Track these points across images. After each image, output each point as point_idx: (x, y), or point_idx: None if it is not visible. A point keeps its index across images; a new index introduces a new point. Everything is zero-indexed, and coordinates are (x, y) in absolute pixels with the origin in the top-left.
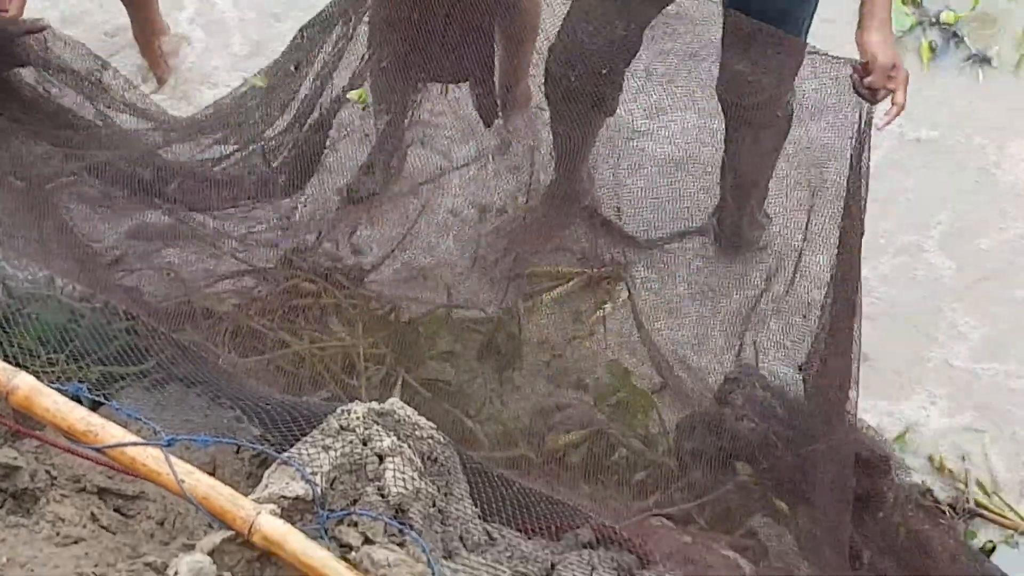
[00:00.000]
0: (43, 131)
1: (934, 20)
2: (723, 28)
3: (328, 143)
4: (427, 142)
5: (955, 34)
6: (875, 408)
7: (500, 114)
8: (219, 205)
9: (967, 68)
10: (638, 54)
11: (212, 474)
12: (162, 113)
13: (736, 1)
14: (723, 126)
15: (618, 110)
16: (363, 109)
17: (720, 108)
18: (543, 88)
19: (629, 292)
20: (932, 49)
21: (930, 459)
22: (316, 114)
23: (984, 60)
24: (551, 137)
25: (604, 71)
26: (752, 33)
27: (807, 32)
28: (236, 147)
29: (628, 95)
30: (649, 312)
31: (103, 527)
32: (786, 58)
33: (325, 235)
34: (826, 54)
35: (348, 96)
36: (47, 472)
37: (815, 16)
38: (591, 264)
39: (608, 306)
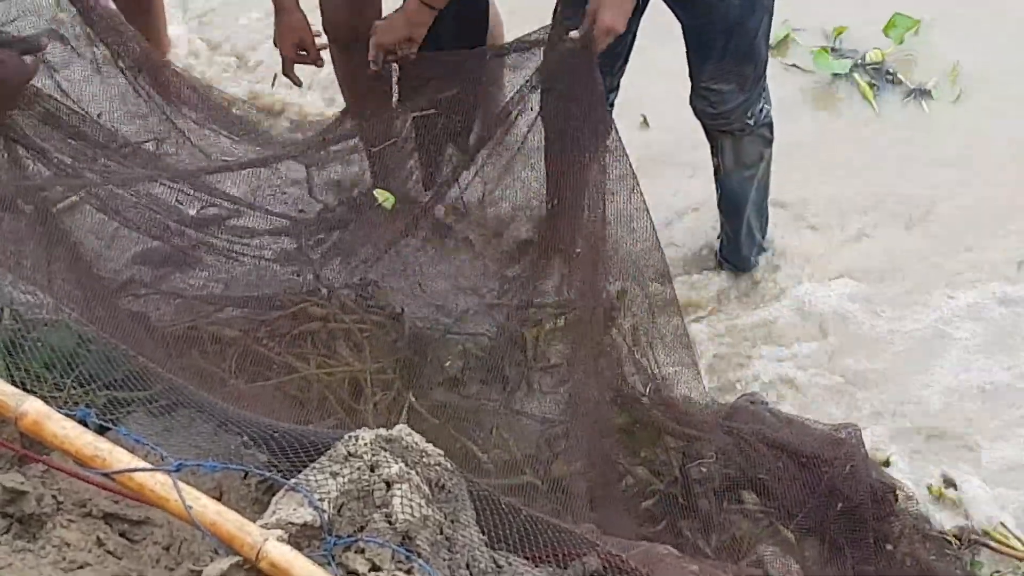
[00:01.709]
0: (58, 150)
1: (860, 61)
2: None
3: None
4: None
5: (888, 72)
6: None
7: None
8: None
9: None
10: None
11: (219, 499)
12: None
13: (690, 16)
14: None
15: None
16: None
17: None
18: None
19: (632, 320)
20: (872, 87)
21: (929, 489)
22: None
23: (924, 93)
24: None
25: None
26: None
27: (767, 40)
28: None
29: None
30: (651, 340)
31: (109, 552)
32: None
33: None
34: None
35: (375, 193)
36: (53, 497)
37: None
38: (595, 293)
39: (614, 332)
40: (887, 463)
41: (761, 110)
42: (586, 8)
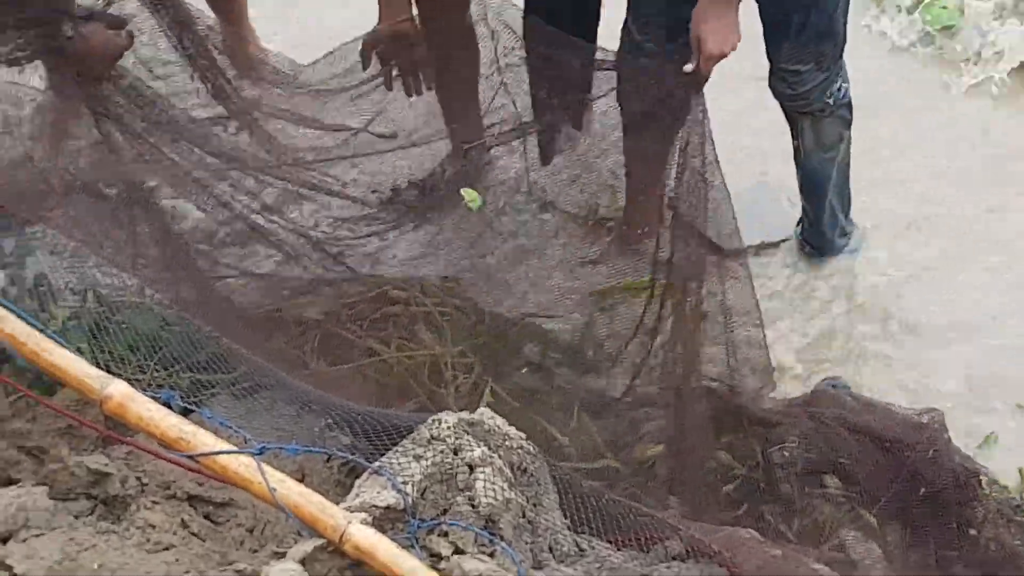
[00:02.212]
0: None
1: None
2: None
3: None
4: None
5: None
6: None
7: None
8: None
9: None
10: None
11: (301, 482)
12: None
13: None
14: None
15: None
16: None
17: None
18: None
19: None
20: None
21: (1020, 472)
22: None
23: None
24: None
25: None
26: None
27: (845, 17)
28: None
29: None
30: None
31: (193, 534)
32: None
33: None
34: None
35: (462, 193)
36: (137, 479)
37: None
38: (674, 272)
39: (697, 313)
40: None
41: (840, 88)
42: (688, 35)
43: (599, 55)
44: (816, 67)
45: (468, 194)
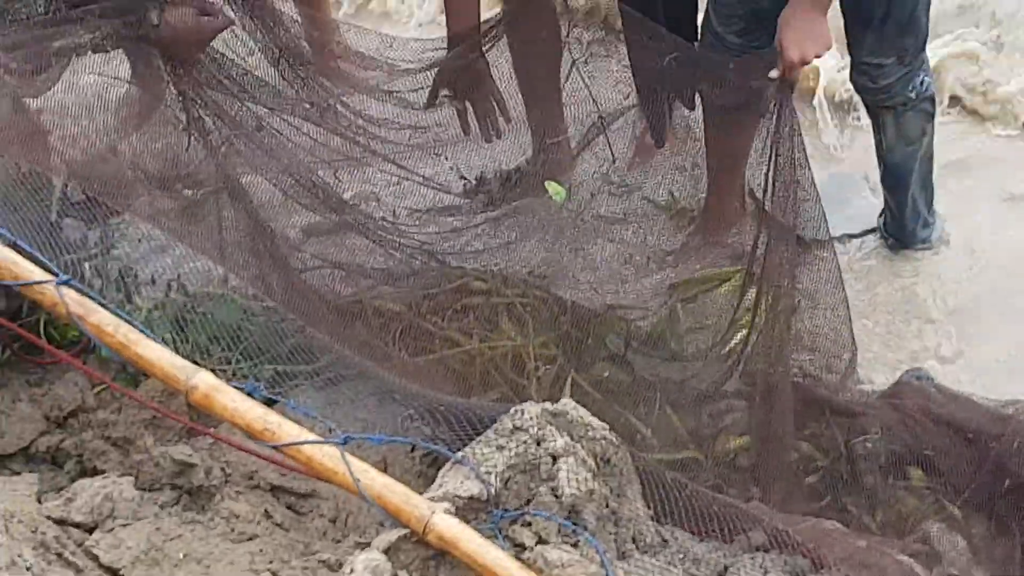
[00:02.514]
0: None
1: None
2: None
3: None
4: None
5: None
6: None
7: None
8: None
9: None
10: None
11: (384, 472)
12: None
13: None
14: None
15: None
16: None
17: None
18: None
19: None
20: None
21: None
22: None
23: None
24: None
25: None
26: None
27: (927, 10)
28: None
29: None
30: (820, 310)
31: (276, 524)
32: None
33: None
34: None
35: (546, 186)
36: (221, 469)
37: None
38: (755, 262)
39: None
40: None
41: (922, 82)
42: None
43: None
44: (898, 61)
45: (552, 187)
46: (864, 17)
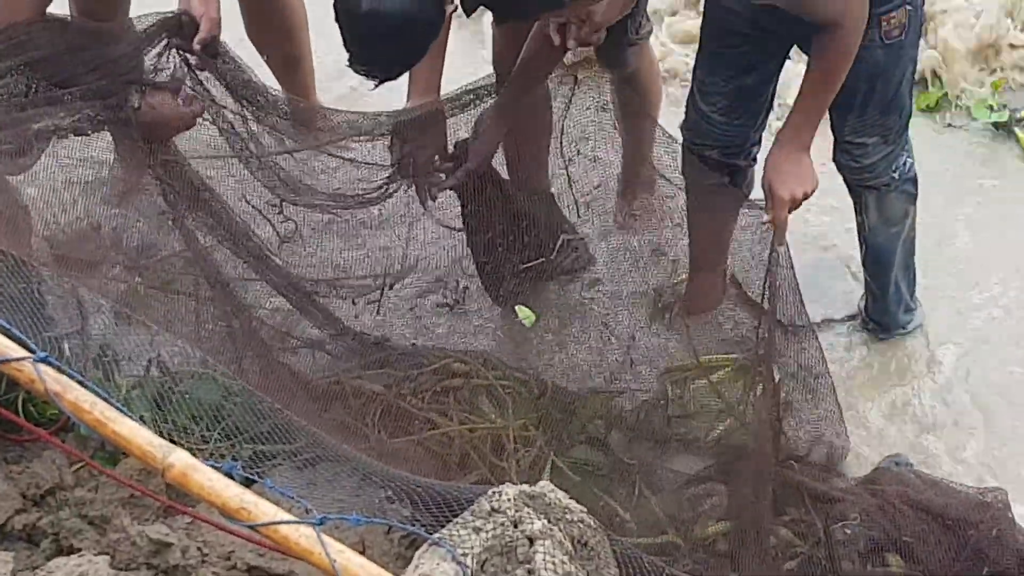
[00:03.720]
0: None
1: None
2: None
3: None
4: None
5: None
6: None
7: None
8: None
9: None
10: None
11: (362, 554)
12: None
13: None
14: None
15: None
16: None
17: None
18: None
19: (777, 379)
20: None
21: None
22: None
23: None
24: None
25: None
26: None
27: (910, 90)
28: None
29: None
30: (799, 400)
31: None
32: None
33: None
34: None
35: (517, 310)
36: (198, 549)
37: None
38: (742, 349)
39: (759, 390)
40: None
41: (905, 163)
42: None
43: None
44: (881, 140)
45: (522, 311)
46: (847, 97)
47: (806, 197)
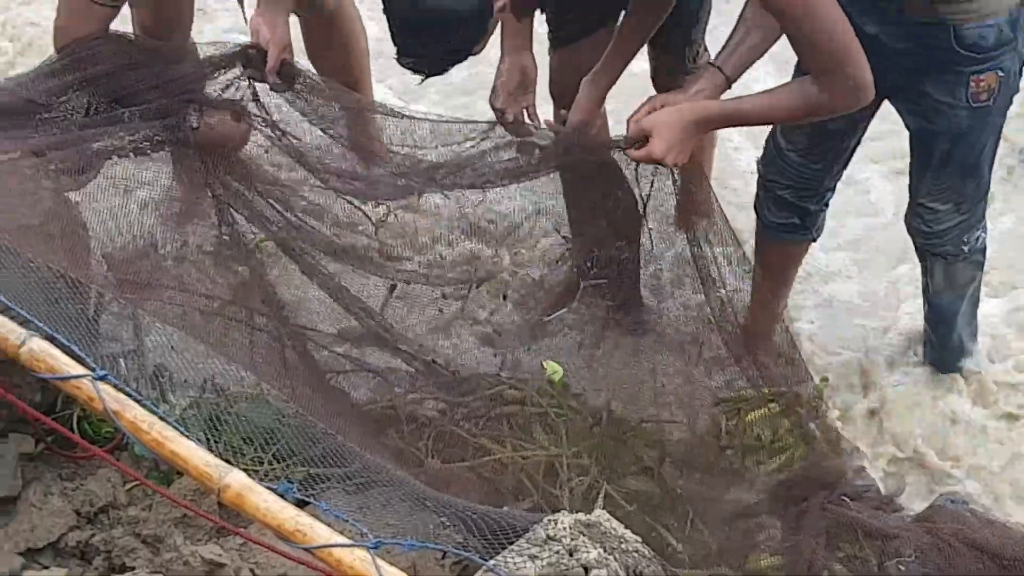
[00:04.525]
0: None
1: None
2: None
3: None
4: None
5: None
6: None
7: None
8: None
9: None
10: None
11: None
12: None
13: (916, 119)
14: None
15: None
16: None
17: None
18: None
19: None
20: None
21: None
22: None
23: None
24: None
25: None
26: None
27: (991, 163)
28: None
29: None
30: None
31: None
32: (970, 195)
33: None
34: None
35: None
36: (251, 571)
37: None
38: (788, 384)
39: (811, 425)
40: None
41: (978, 238)
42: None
43: None
44: (955, 208)
45: (550, 366)
46: (926, 153)
47: (675, 165)
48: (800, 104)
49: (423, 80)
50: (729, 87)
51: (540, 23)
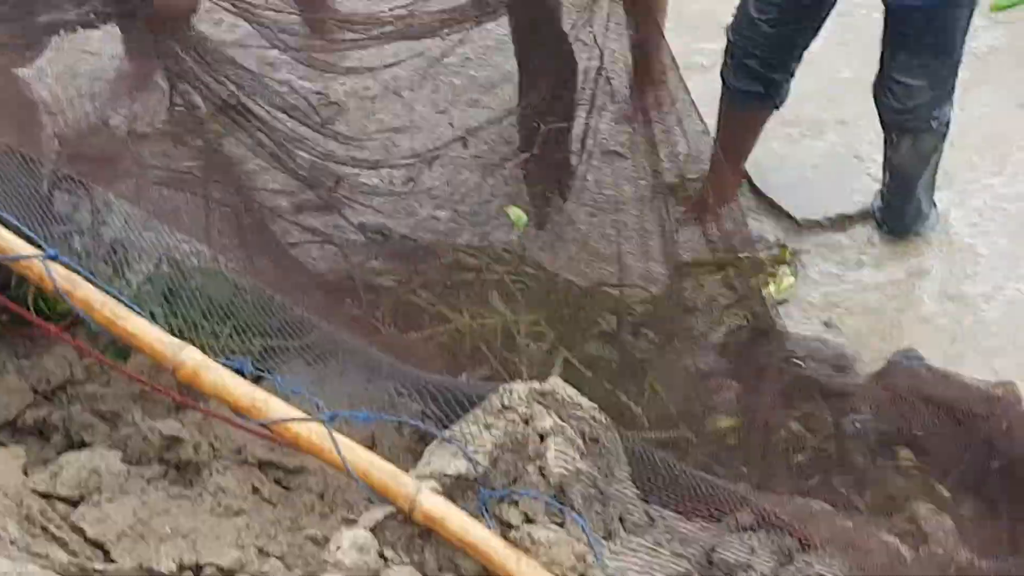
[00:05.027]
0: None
1: None
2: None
3: None
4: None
5: None
6: None
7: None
8: None
9: None
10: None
11: (371, 448)
12: None
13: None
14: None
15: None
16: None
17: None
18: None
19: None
20: None
21: None
22: None
23: None
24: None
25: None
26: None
27: (963, 38)
28: None
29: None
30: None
31: (264, 499)
32: (944, 69)
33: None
34: None
35: (507, 211)
36: (210, 444)
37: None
38: (753, 246)
39: (772, 287)
40: None
41: (945, 113)
42: None
43: None
44: (928, 84)
45: (513, 211)
46: (900, 29)
47: None
48: None
49: None
50: None
51: None
